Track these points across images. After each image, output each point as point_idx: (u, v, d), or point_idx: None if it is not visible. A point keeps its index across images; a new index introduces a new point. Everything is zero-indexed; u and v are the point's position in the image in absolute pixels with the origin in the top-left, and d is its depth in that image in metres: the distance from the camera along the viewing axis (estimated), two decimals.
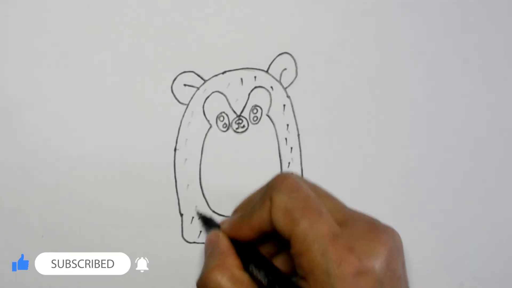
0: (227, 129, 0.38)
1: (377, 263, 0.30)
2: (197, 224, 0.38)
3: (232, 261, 0.33)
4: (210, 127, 0.37)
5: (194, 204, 0.37)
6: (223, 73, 0.37)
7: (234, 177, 0.38)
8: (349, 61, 0.39)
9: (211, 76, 0.37)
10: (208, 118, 0.37)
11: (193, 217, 0.38)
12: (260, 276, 0.32)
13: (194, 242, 0.38)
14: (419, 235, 0.39)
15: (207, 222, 0.36)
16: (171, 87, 0.37)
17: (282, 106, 0.38)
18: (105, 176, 0.36)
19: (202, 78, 0.37)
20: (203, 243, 0.38)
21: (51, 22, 0.35)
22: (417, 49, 0.39)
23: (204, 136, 0.37)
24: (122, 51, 0.36)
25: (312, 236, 0.30)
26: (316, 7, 0.38)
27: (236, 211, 0.36)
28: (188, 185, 0.37)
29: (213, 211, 0.38)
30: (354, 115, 0.39)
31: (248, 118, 0.38)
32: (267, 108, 0.38)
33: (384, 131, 0.39)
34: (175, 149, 0.37)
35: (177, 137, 0.37)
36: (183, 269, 0.38)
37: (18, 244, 0.36)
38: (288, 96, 0.38)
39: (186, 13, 0.37)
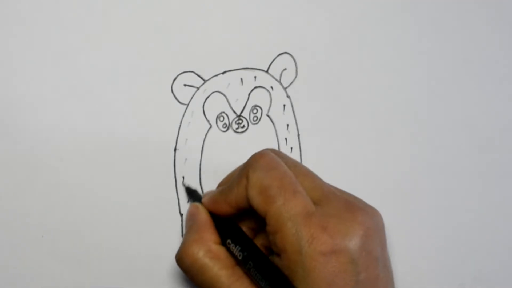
0: (227, 129, 0.38)
1: (351, 243, 0.30)
2: None
3: (210, 235, 0.33)
4: (210, 127, 0.37)
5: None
6: (223, 73, 0.37)
7: None
8: (349, 61, 0.39)
9: (211, 76, 0.37)
10: (208, 118, 0.37)
11: None
12: (235, 251, 0.32)
13: None
14: (419, 235, 0.39)
15: (191, 194, 0.36)
16: (171, 87, 0.37)
17: (282, 106, 0.38)
18: (105, 176, 0.36)
19: (202, 78, 0.37)
20: None
21: (51, 22, 0.35)
22: (417, 49, 0.39)
23: (204, 136, 0.37)
24: (122, 51, 0.36)
25: (286, 214, 0.30)
26: (316, 7, 0.38)
27: (219, 185, 0.36)
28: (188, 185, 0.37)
29: None
30: (354, 115, 0.39)
31: (248, 118, 0.38)
32: (267, 108, 0.38)
33: (384, 131, 0.39)
34: (175, 149, 0.37)
35: (177, 137, 0.37)
36: None
37: (18, 244, 0.36)
38: (288, 96, 0.38)
39: (186, 13, 0.37)
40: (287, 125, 0.38)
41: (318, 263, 0.29)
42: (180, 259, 0.33)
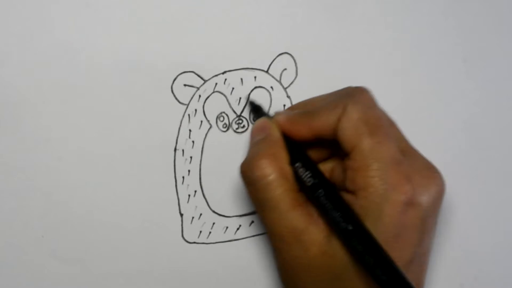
0: (227, 129, 0.38)
1: (427, 201, 0.30)
2: (197, 224, 0.38)
3: (283, 154, 0.32)
4: (210, 127, 0.37)
5: (194, 204, 0.37)
6: (223, 73, 0.37)
7: (234, 177, 0.38)
8: (349, 61, 0.39)
9: (211, 76, 0.37)
10: (208, 118, 0.37)
11: (193, 217, 0.38)
12: (305, 176, 0.31)
13: (194, 242, 0.38)
14: None
15: (256, 110, 0.36)
16: (171, 87, 0.37)
17: (282, 106, 0.38)
18: (105, 176, 0.36)
19: (202, 78, 0.37)
20: (203, 243, 0.38)
21: (51, 22, 0.35)
22: (417, 49, 0.39)
23: (204, 136, 0.37)
24: (122, 51, 0.36)
25: (376, 155, 0.30)
26: (316, 7, 0.38)
27: (292, 109, 0.35)
28: (188, 185, 0.37)
29: (213, 211, 0.38)
30: None
31: (248, 118, 0.38)
32: (267, 108, 0.38)
33: None
34: (175, 149, 0.37)
35: (177, 137, 0.37)
36: (183, 269, 0.38)
37: (18, 244, 0.36)
38: (288, 96, 0.38)
39: (186, 13, 0.37)
40: None
41: (394, 210, 0.29)
42: (249, 170, 0.32)
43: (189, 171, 0.37)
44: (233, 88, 0.37)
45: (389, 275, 0.28)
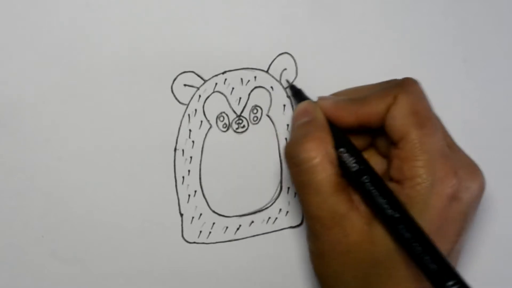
0: (227, 129, 0.38)
1: (470, 196, 0.31)
2: (197, 224, 0.38)
3: (329, 137, 0.32)
4: (210, 127, 0.37)
5: (194, 204, 0.37)
6: (223, 73, 0.37)
7: (234, 177, 0.38)
8: (349, 61, 0.39)
9: (211, 76, 0.37)
10: (208, 118, 0.37)
11: (193, 217, 0.38)
12: (349, 162, 0.31)
13: (194, 242, 0.38)
14: None
15: (297, 93, 0.36)
16: (171, 87, 0.37)
17: (282, 106, 0.38)
18: (105, 176, 0.36)
19: (202, 78, 0.37)
20: (203, 243, 0.38)
21: (51, 22, 0.35)
22: (417, 49, 0.39)
23: (204, 136, 0.37)
24: (122, 51, 0.36)
25: (426, 146, 0.30)
26: (316, 7, 0.38)
27: (337, 95, 0.35)
28: (188, 185, 0.37)
29: (213, 211, 0.38)
30: None
31: (248, 118, 0.38)
32: (267, 108, 0.38)
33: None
34: (175, 149, 0.37)
35: (177, 137, 0.37)
36: (183, 269, 0.38)
37: (18, 244, 0.36)
38: (288, 96, 0.38)
39: (186, 13, 0.37)
40: (287, 125, 0.38)
41: (440, 202, 0.29)
42: (294, 151, 0.31)
43: (189, 171, 0.37)
44: (233, 88, 0.37)
45: (438, 264, 0.28)
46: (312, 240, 0.32)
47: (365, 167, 0.31)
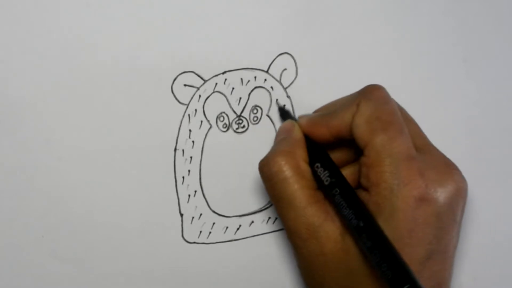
0: (227, 129, 0.38)
1: (442, 196, 0.30)
2: (197, 224, 0.38)
3: (301, 152, 0.33)
4: (210, 127, 0.37)
5: (194, 204, 0.37)
6: (223, 73, 0.37)
7: (234, 177, 0.38)
8: (349, 61, 0.39)
9: (211, 76, 0.37)
10: (208, 118, 0.37)
11: (193, 217, 0.38)
12: (323, 176, 0.32)
13: (194, 242, 0.38)
14: None
15: (284, 114, 0.37)
16: (171, 87, 0.37)
17: (282, 106, 0.38)
18: (105, 176, 0.36)
19: (202, 78, 0.37)
20: (203, 243, 0.38)
21: (51, 22, 0.35)
22: (417, 49, 0.39)
23: (204, 136, 0.37)
24: (122, 51, 0.36)
25: (388, 150, 0.30)
26: (316, 7, 0.38)
27: (316, 112, 0.36)
28: (188, 185, 0.37)
29: (213, 211, 0.38)
30: None
31: (248, 118, 0.38)
32: (267, 108, 0.38)
33: None
34: (175, 149, 0.37)
35: (177, 137, 0.37)
36: (183, 269, 0.38)
37: (18, 244, 0.36)
38: (288, 96, 0.38)
39: (186, 13, 0.37)
40: None
41: (407, 205, 0.29)
42: (266, 165, 0.32)
43: (189, 171, 0.37)
44: (233, 88, 0.37)
45: (394, 271, 0.28)
46: (294, 254, 0.33)
47: (336, 180, 0.31)
